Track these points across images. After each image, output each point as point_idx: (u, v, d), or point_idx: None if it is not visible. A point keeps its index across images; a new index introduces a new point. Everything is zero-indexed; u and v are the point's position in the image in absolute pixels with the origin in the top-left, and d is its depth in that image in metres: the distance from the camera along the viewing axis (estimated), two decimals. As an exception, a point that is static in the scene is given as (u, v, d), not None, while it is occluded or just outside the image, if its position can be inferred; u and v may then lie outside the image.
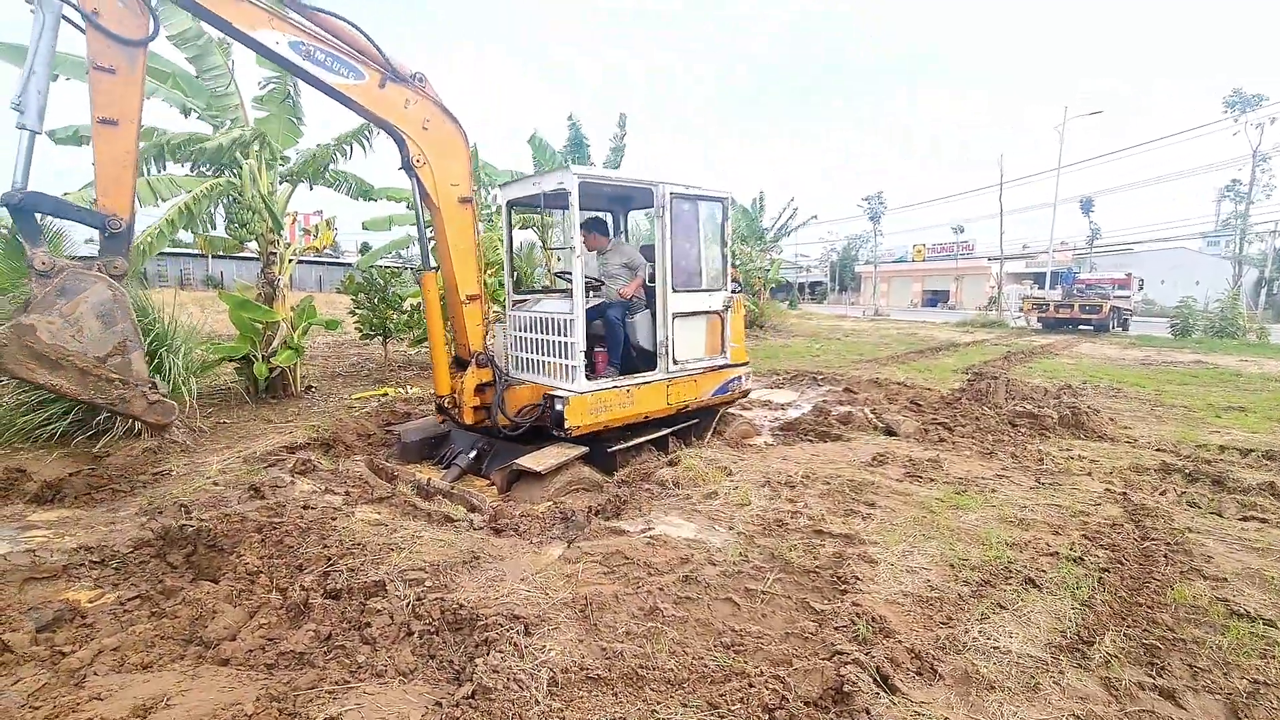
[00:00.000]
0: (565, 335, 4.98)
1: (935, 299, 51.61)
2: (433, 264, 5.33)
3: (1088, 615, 2.82)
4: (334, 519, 3.72)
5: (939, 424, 6.37)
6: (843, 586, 2.97)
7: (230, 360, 7.69)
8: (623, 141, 13.99)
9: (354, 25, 4.27)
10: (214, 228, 7.85)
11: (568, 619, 2.66)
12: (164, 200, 7.00)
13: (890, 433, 6.23)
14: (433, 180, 4.79)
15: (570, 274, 5.00)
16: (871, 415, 6.77)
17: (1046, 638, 2.65)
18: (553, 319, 5.15)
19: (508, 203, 5.80)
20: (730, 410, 6.73)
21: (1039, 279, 36.65)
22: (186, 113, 7.27)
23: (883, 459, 5.11)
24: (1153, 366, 12.00)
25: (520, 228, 11.91)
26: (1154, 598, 2.96)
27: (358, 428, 6.21)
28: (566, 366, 5.01)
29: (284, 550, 3.32)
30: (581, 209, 5.05)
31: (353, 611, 2.76)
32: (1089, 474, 4.94)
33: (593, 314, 5.41)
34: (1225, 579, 3.14)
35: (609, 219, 6.44)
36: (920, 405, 7.53)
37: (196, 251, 26.87)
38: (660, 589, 2.88)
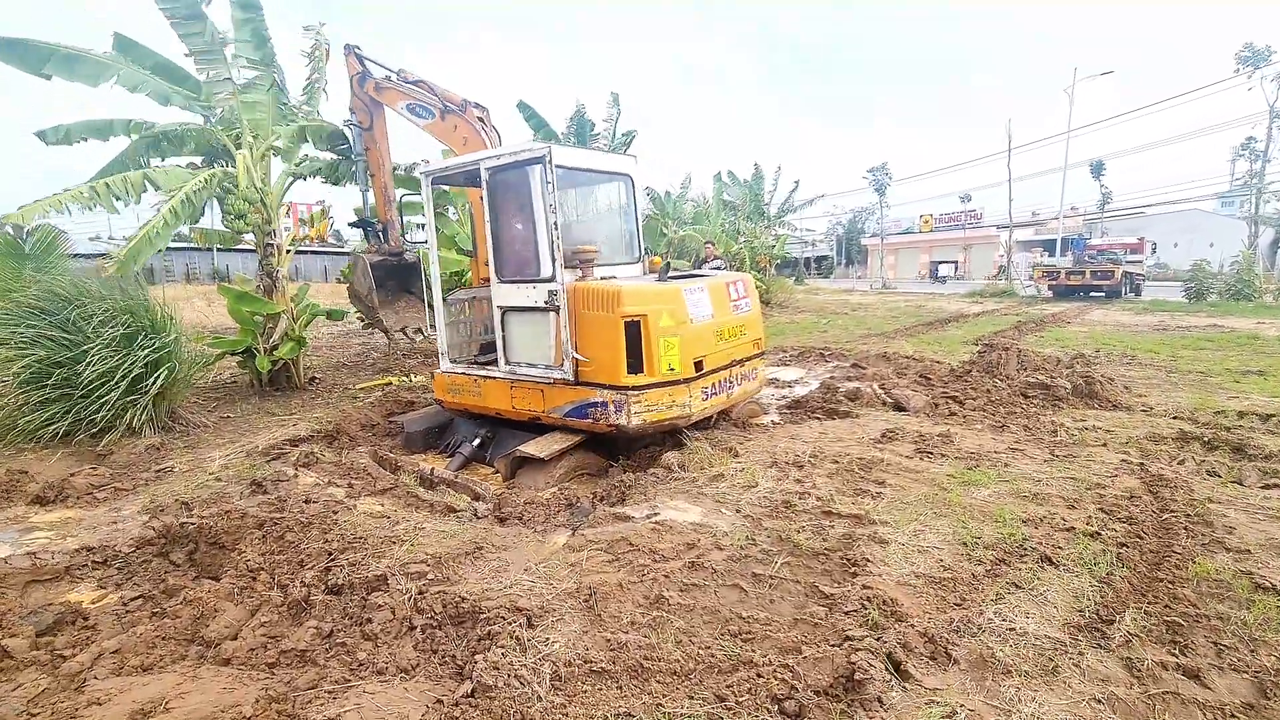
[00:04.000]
0: None
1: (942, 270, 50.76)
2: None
3: (1106, 593, 2.73)
4: (336, 513, 3.68)
5: (949, 398, 6.25)
6: (853, 569, 2.90)
7: (233, 354, 7.65)
8: (616, 121, 13.93)
9: (427, 82, 5.92)
10: (212, 221, 7.80)
11: (572, 610, 2.61)
12: (159, 190, 6.86)
13: (899, 408, 6.12)
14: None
15: None
16: (880, 391, 6.65)
17: (1064, 617, 2.57)
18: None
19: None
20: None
21: (1049, 246, 36.07)
22: (166, 102, 7.12)
23: (892, 435, 5.02)
24: (1167, 332, 11.78)
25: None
26: (1175, 572, 2.86)
27: (361, 418, 6.18)
28: None
29: (285, 546, 3.29)
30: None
31: (354, 607, 2.72)
32: (1104, 445, 4.82)
33: None
34: (1249, 551, 3.04)
35: None
36: (930, 379, 7.40)
37: (203, 245, 26.83)
38: (666, 576, 2.82)
